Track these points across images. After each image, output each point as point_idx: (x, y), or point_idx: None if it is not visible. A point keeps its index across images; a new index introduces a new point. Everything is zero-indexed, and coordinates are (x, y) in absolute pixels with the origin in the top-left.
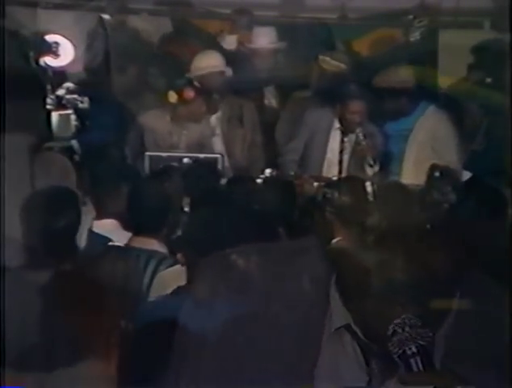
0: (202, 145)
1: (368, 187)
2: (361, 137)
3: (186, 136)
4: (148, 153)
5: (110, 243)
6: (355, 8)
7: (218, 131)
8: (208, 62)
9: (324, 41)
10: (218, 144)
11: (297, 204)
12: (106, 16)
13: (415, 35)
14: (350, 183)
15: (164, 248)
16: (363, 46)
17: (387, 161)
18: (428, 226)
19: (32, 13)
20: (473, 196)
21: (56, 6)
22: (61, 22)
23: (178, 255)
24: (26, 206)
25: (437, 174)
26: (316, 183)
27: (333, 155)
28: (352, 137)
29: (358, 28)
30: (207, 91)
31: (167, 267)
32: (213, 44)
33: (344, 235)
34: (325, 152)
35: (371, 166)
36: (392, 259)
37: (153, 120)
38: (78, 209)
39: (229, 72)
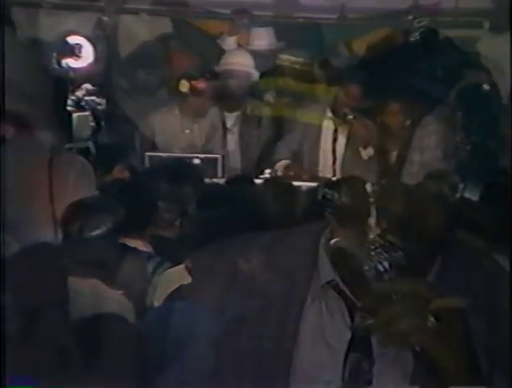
0: (212, 137)
1: (369, 187)
2: (351, 116)
3: (197, 129)
4: (148, 154)
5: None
6: (355, 8)
7: (235, 130)
8: (238, 60)
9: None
10: (232, 142)
11: (296, 204)
12: (104, 18)
13: (415, 35)
14: (351, 183)
15: (149, 248)
16: (362, 46)
17: None
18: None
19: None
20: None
21: (56, 7)
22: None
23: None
24: None
25: (447, 175)
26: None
27: (326, 145)
28: (345, 127)
29: (357, 28)
30: (231, 90)
31: (167, 269)
32: (212, 45)
33: (343, 236)
34: (319, 141)
35: (364, 148)
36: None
37: (163, 117)
38: None
39: (256, 75)
